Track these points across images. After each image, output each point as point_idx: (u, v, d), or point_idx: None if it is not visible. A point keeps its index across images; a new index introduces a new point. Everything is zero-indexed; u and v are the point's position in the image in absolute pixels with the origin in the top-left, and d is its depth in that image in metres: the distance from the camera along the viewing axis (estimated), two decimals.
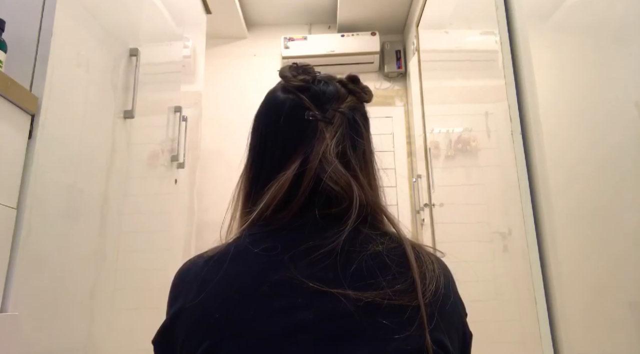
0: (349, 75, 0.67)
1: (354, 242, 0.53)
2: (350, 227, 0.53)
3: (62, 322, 1.05)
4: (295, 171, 0.58)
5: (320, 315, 0.48)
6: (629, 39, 0.84)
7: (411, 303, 0.49)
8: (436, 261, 0.56)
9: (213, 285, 0.51)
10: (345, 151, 0.60)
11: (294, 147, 0.60)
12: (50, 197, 1.02)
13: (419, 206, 2.67)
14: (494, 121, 1.43)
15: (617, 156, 0.87)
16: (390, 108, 3.21)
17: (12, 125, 0.93)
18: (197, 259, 0.56)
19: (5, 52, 0.97)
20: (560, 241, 1.09)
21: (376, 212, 0.59)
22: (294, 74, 0.64)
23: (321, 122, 0.61)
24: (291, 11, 3.23)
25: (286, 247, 0.52)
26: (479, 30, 1.57)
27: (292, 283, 0.50)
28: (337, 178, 0.56)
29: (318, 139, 0.59)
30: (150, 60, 1.58)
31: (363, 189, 0.58)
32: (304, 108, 0.62)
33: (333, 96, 0.64)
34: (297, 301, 0.49)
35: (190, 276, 0.54)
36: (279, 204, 0.57)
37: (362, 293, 0.49)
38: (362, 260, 0.51)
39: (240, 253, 0.53)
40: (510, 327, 1.33)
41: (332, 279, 0.50)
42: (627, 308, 0.85)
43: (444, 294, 0.52)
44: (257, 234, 0.55)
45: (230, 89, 3.20)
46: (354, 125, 0.63)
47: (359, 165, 0.61)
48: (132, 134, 1.41)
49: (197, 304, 0.51)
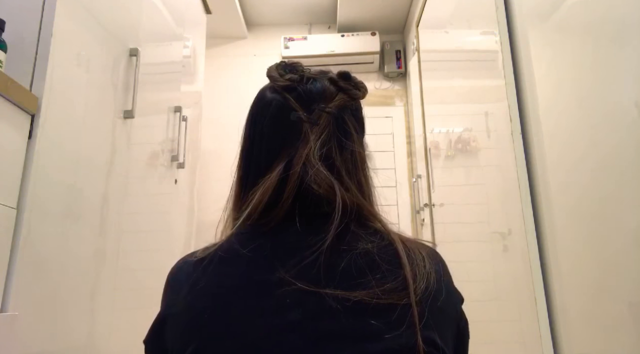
0: (339, 71, 0.65)
1: (342, 241, 0.53)
2: (335, 227, 0.52)
3: (62, 322, 1.05)
4: (279, 175, 0.57)
5: (308, 315, 0.48)
6: (629, 39, 0.84)
7: (400, 301, 0.49)
8: (427, 256, 0.55)
9: (202, 287, 0.51)
10: (330, 154, 0.59)
11: (278, 149, 0.59)
12: (50, 197, 1.02)
13: (419, 206, 2.67)
14: (494, 121, 1.43)
15: (617, 156, 0.87)
16: (390, 108, 3.21)
17: (12, 125, 0.93)
18: (188, 258, 0.56)
19: (5, 52, 0.97)
20: (560, 241, 1.09)
21: (365, 213, 0.58)
22: (281, 74, 0.63)
23: (306, 123, 0.59)
24: (291, 11, 3.23)
25: (274, 247, 0.52)
26: (479, 30, 1.57)
27: (280, 283, 0.49)
28: (319, 181, 0.55)
29: (302, 141, 0.58)
30: (150, 60, 1.58)
31: (349, 191, 0.57)
32: (289, 109, 0.61)
33: (320, 95, 0.62)
34: (285, 302, 0.48)
35: (182, 277, 0.54)
36: (265, 207, 0.56)
37: (350, 293, 0.48)
38: (351, 259, 0.51)
39: (229, 254, 0.53)
40: (510, 327, 1.32)
41: (320, 279, 0.49)
42: (627, 308, 0.85)
43: (436, 289, 0.52)
44: (245, 234, 0.55)
45: (230, 89, 3.20)
46: (342, 125, 0.61)
47: (345, 167, 0.59)
48: (132, 134, 1.41)
49: (186, 306, 0.51)
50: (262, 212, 0.56)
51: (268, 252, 0.52)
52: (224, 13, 2.96)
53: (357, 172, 0.61)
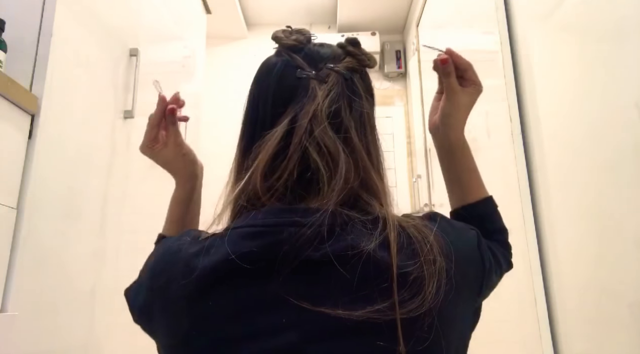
0: (348, 38, 0.62)
1: (334, 235, 0.47)
2: (331, 206, 0.47)
3: (62, 322, 1.05)
4: (285, 128, 0.53)
5: (306, 337, 0.43)
6: (629, 39, 0.84)
7: (409, 315, 0.43)
8: (436, 240, 0.49)
9: (192, 292, 0.45)
10: (339, 112, 0.54)
11: (284, 107, 0.55)
12: (50, 197, 1.02)
13: (419, 206, 2.67)
14: (494, 121, 1.42)
15: (617, 156, 0.87)
16: (390, 108, 3.21)
17: (12, 125, 0.93)
18: (188, 246, 0.50)
19: (5, 52, 0.97)
20: (560, 241, 1.09)
21: (368, 183, 0.53)
22: (287, 35, 0.60)
23: (314, 80, 0.55)
24: (291, 11, 3.22)
25: (268, 252, 0.46)
26: (479, 30, 1.57)
27: (275, 299, 0.44)
28: (324, 141, 0.51)
29: (309, 98, 0.54)
30: (150, 60, 1.58)
31: (354, 152, 0.53)
32: (296, 67, 0.57)
33: (328, 55, 0.59)
34: (280, 321, 0.43)
35: (178, 267, 0.48)
36: (266, 168, 0.52)
37: (351, 312, 0.42)
38: (352, 267, 0.45)
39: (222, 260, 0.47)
40: (510, 327, 1.32)
41: (318, 294, 0.44)
42: (627, 308, 0.85)
43: (446, 286, 0.46)
44: (240, 231, 0.49)
45: (230, 89, 3.19)
46: (351, 86, 0.57)
47: (355, 127, 0.55)
48: (132, 134, 1.41)
49: (175, 311, 0.46)
50: (263, 174, 0.52)
51: (262, 257, 0.46)
52: (224, 13, 2.96)
53: (366, 134, 0.57)
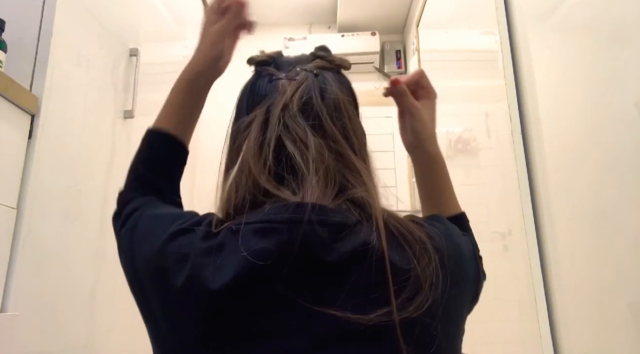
0: (317, 46, 0.66)
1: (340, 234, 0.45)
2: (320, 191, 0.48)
3: (62, 322, 1.05)
4: (261, 117, 0.55)
5: (315, 342, 0.41)
6: (629, 39, 0.84)
7: (411, 315, 0.42)
8: (427, 237, 0.48)
9: (195, 290, 0.44)
10: (310, 101, 0.55)
11: (259, 106, 0.58)
12: (50, 197, 1.02)
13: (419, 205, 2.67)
14: (494, 121, 1.42)
15: (617, 156, 0.87)
16: (390, 108, 3.19)
17: (12, 125, 0.93)
18: (197, 235, 0.49)
19: (5, 52, 0.97)
20: (560, 241, 1.09)
21: (348, 164, 0.52)
22: (259, 54, 0.66)
23: (284, 80, 0.58)
24: (291, 11, 3.22)
25: (280, 251, 0.43)
26: (479, 30, 1.57)
27: (283, 300, 0.42)
28: (294, 128, 0.52)
29: (280, 93, 0.56)
30: (150, 60, 1.57)
31: (327, 137, 0.52)
32: (268, 75, 0.61)
33: (298, 60, 0.63)
34: (288, 324, 0.41)
35: (183, 250, 0.48)
36: (255, 157, 0.53)
37: (363, 316, 0.40)
38: (364, 269, 0.43)
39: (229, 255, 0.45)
40: (510, 327, 1.32)
41: (327, 296, 0.42)
42: (627, 308, 0.85)
43: (451, 288, 0.46)
44: (245, 227, 0.46)
45: (230, 88, 3.19)
46: (323, 80, 0.58)
47: (328, 113, 0.55)
48: (132, 134, 1.41)
49: (181, 318, 0.45)
50: (254, 163, 0.53)
51: (271, 254, 0.44)
52: None
53: (341, 118, 0.56)
